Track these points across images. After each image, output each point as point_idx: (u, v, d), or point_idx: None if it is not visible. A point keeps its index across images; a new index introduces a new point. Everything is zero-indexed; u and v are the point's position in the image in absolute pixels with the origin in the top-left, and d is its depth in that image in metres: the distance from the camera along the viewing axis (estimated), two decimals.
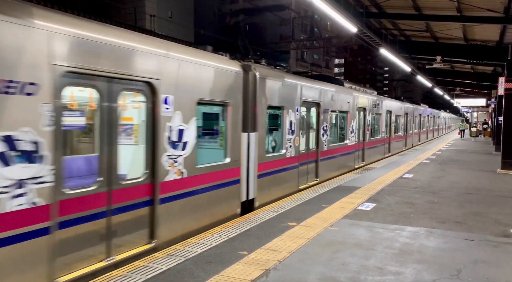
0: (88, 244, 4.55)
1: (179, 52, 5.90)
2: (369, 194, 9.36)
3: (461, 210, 7.98)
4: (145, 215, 5.34)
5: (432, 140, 33.76)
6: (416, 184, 10.87)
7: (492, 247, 5.70)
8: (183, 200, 5.99)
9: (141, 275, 4.47)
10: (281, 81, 8.88)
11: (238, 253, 5.23)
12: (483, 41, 17.24)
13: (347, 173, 12.86)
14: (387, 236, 6.10)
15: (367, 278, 4.52)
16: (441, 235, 6.21)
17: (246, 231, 6.19)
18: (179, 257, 5.02)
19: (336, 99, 12.15)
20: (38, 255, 3.96)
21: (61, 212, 4.20)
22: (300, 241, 5.75)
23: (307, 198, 8.75)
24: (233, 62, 7.35)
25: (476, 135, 37.84)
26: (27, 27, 3.85)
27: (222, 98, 6.85)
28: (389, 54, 15.01)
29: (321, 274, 4.60)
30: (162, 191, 5.52)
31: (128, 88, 5.11)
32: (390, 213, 7.55)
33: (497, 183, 11.40)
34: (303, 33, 59.31)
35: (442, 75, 27.35)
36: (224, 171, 6.93)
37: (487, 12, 12.15)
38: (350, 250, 5.45)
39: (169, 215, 5.71)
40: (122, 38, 4.96)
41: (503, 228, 6.71)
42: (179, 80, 5.80)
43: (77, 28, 4.38)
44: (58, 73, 4.12)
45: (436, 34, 17.19)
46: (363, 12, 12.81)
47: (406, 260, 5.12)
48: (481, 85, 29.62)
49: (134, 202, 5.15)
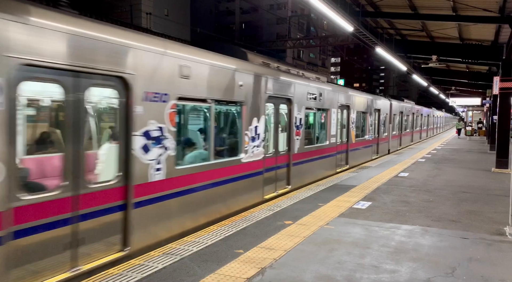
0: (50, 254, 4.13)
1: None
2: (364, 192, 9.39)
3: (456, 208, 8.02)
4: (117, 221, 4.94)
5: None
6: (411, 183, 10.91)
7: (487, 245, 5.74)
8: (164, 203, 5.67)
9: (137, 273, 4.46)
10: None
11: (234, 252, 5.23)
12: (479, 41, 17.33)
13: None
14: (382, 235, 6.13)
15: (362, 276, 4.53)
16: (436, 234, 6.24)
17: (242, 230, 6.20)
18: (175, 256, 5.02)
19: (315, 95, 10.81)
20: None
21: (16, 220, 3.80)
22: (296, 240, 5.77)
23: (303, 196, 8.77)
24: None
25: (471, 134, 38.03)
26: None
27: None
28: (385, 53, 15.05)
29: (317, 273, 4.61)
30: (137, 194, 5.14)
31: (97, 84, 4.74)
32: (386, 212, 7.58)
33: (491, 182, 11.46)
34: (300, 32, 59.35)
35: (437, 74, 27.48)
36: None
37: (483, 11, 12.22)
38: (346, 248, 5.47)
39: (147, 219, 5.33)
40: (91, 29, 4.54)
41: (498, 226, 6.75)
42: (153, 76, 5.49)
43: (37, 16, 4.00)
44: (14, 66, 3.74)
45: (432, 34, 17.26)
46: (360, 11, 12.84)
47: (401, 258, 5.14)
48: (476, 85, 29.79)
49: (104, 207, 4.75)
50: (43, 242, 4.06)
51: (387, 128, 19.81)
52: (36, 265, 4.01)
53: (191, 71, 6.14)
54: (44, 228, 4.06)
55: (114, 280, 4.28)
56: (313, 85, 10.92)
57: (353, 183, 10.60)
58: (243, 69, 7.70)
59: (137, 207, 5.18)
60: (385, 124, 19.53)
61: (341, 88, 14.48)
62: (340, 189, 9.79)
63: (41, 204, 4.03)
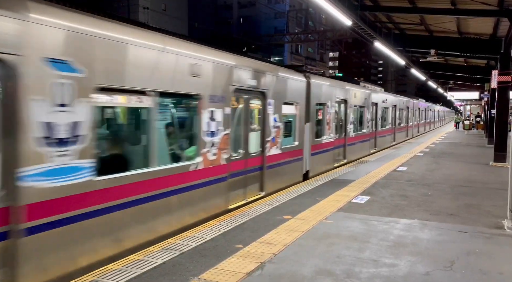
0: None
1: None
2: (363, 187, 9.40)
3: (455, 202, 8.04)
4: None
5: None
6: (410, 177, 10.93)
7: (485, 239, 5.76)
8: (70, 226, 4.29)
9: (137, 268, 4.47)
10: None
11: (233, 247, 5.24)
12: (477, 35, 17.29)
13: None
14: (381, 229, 6.14)
15: (362, 270, 4.55)
16: (435, 227, 6.26)
17: (241, 225, 6.20)
18: (174, 251, 5.02)
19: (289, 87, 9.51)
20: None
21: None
22: (295, 234, 5.78)
23: (302, 191, 8.77)
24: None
25: (469, 128, 38.08)
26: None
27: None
28: (383, 47, 15.01)
29: (316, 267, 4.62)
30: (29, 218, 3.88)
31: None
32: (385, 206, 7.59)
33: (489, 176, 11.49)
34: (298, 26, 59.17)
35: (436, 69, 27.41)
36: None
37: (481, 5, 12.17)
38: (345, 242, 5.48)
39: (39, 248, 4.01)
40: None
41: (496, 220, 6.77)
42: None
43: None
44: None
45: (430, 28, 17.21)
46: (358, 5, 12.76)
47: (400, 252, 5.16)
48: (474, 78, 29.77)
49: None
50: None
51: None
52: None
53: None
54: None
55: (114, 275, 4.29)
56: (295, 77, 9.76)
57: (352, 178, 10.61)
58: (199, 55, 6.35)
59: (14, 236, 3.79)
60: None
61: (325, 79, 12.70)
62: (338, 183, 9.80)
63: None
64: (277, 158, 8.87)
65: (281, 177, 9.13)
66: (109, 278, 4.20)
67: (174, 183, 5.84)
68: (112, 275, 4.29)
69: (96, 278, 4.21)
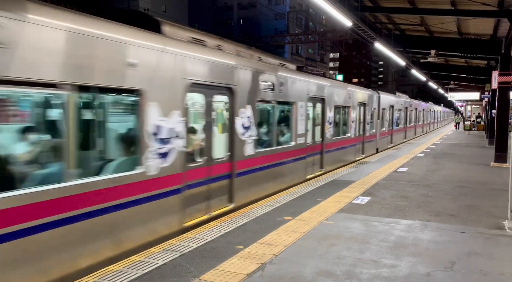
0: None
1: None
2: (364, 188, 9.40)
3: (455, 203, 8.04)
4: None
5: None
6: (410, 178, 10.93)
7: (486, 240, 5.76)
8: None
9: (137, 270, 4.47)
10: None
11: (234, 248, 5.24)
12: (477, 35, 17.31)
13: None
14: (382, 230, 6.14)
15: (362, 271, 4.55)
16: (435, 228, 6.26)
17: (241, 226, 6.20)
18: (175, 252, 5.03)
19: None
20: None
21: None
22: (296, 235, 5.78)
23: (302, 192, 8.78)
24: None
25: (469, 129, 38.06)
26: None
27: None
28: (383, 48, 15.01)
29: (316, 268, 4.62)
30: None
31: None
32: (385, 207, 7.59)
33: (490, 176, 11.49)
34: (298, 28, 59.23)
35: (436, 69, 27.44)
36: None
37: (481, 5, 12.18)
38: (346, 243, 5.48)
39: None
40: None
41: (496, 220, 6.77)
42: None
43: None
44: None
45: (430, 28, 17.22)
46: (358, 6, 12.78)
47: (401, 253, 5.16)
48: (475, 79, 29.78)
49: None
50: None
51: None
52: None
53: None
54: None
55: (115, 276, 4.29)
56: (270, 72, 8.57)
57: (352, 179, 10.61)
58: (140, 42, 5.12)
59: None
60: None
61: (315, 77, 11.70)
62: (339, 184, 9.80)
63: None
64: (251, 163, 7.96)
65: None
66: (109, 279, 4.20)
67: (120, 195, 4.84)
68: (113, 276, 4.29)
69: (96, 279, 4.21)
